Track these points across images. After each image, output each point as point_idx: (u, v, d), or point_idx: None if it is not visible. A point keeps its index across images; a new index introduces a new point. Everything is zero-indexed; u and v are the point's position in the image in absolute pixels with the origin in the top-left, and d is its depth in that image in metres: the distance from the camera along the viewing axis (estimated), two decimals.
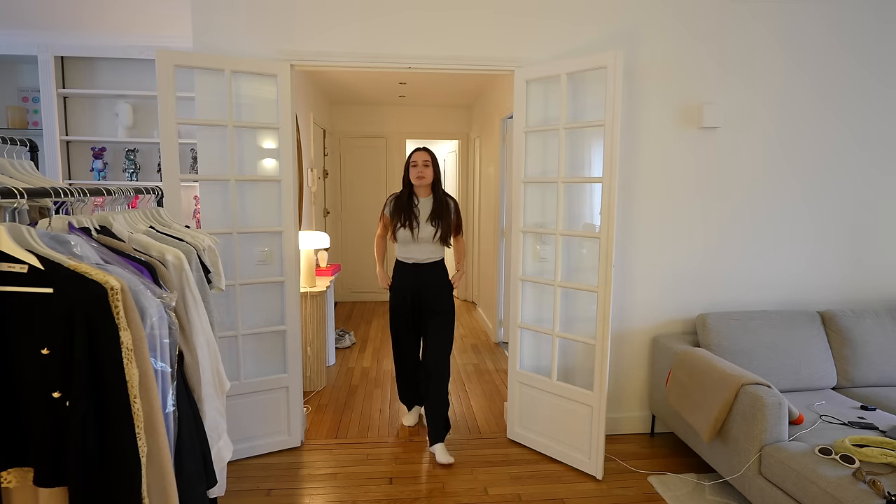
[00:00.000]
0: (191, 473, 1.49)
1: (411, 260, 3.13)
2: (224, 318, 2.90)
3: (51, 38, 3.94)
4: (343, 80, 5.61)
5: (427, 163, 3.06)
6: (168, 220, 2.04)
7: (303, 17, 2.92)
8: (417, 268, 3.12)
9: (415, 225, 3.06)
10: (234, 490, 2.69)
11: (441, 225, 3.07)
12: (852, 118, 3.28)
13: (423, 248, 3.10)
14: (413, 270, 3.13)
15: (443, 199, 3.11)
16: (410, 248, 3.11)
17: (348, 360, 4.80)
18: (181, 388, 1.53)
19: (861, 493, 1.90)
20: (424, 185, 3.09)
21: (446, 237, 3.11)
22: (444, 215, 3.09)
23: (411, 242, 3.09)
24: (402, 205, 3.10)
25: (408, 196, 3.11)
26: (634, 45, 3.07)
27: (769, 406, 2.29)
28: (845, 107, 3.27)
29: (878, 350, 3.02)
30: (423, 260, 3.12)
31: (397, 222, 3.08)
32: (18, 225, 1.26)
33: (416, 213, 3.08)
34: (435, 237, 3.08)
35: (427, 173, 3.06)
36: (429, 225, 3.07)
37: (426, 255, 3.12)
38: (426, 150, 3.10)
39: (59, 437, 1.22)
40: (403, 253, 3.15)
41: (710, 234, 3.27)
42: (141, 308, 1.29)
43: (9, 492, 1.26)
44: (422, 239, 3.08)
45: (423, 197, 3.13)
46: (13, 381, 1.23)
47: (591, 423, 2.83)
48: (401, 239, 3.10)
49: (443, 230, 3.08)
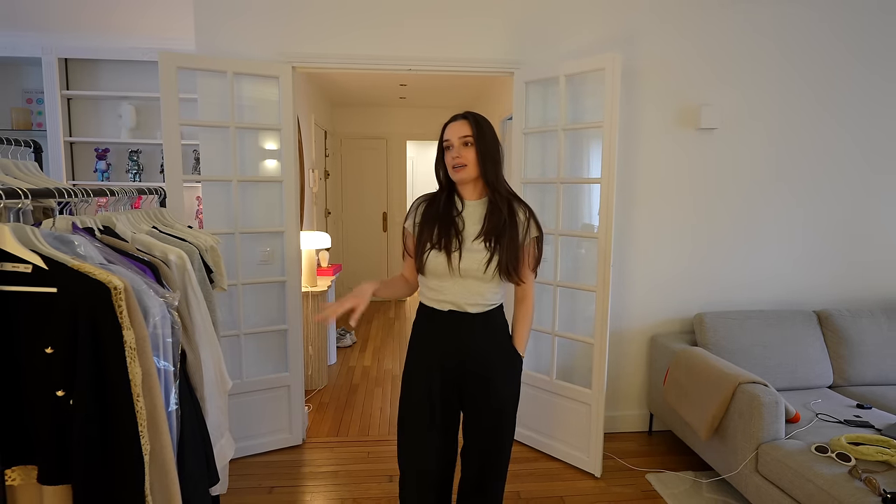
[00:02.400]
0: (193, 471, 1.50)
1: (447, 306, 1.81)
2: (226, 318, 2.91)
3: (55, 40, 3.96)
4: (344, 81, 5.63)
5: (468, 139, 1.77)
6: (171, 221, 2.05)
7: (304, 20, 2.94)
8: (458, 320, 1.81)
9: (454, 245, 1.78)
10: (236, 488, 2.70)
11: (501, 247, 1.77)
12: (847, 119, 3.29)
13: (467, 287, 1.79)
14: (450, 324, 1.81)
15: (506, 203, 1.82)
16: (445, 287, 1.80)
17: (349, 359, 4.82)
18: (184, 386, 1.54)
19: (857, 490, 1.91)
20: (469, 180, 1.82)
21: (511, 268, 1.79)
22: (509, 231, 1.79)
23: (448, 276, 1.79)
24: (437, 212, 1.84)
25: (446, 199, 1.86)
26: (632, 47, 3.08)
27: (766, 404, 2.30)
28: (841, 108, 3.28)
29: (873, 349, 3.04)
30: (467, 307, 1.80)
31: (427, 241, 1.80)
32: (23, 225, 1.27)
33: (457, 226, 1.81)
34: (489, 268, 1.77)
35: (469, 157, 1.77)
36: (479, 245, 1.78)
37: (473, 298, 1.80)
38: (466, 117, 1.81)
39: (62, 436, 1.23)
40: (434, 293, 1.83)
41: (708, 234, 3.28)
42: (144, 307, 1.30)
43: (14, 489, 1.28)
44: (465, 271, 1.77)
45: (470, 199, 1.86)
46: (18, 380, 1.24)
47: (590, 421, 2.85)
48: (431, 269, 1.80)
49: (505, 256, 1.77)
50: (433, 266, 1.78)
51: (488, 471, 1.89)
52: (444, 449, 1.87)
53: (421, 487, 1.86)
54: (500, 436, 1.86)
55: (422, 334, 1.88)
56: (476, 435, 1.87)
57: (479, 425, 1.85)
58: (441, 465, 1.88)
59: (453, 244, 1.77)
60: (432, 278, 1.82)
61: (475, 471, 1.91)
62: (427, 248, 1.79)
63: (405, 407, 1.88)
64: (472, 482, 1.93)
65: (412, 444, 1.86)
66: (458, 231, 1.79)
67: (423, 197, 1.93)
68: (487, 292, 1.81)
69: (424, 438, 1.83)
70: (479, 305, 1.81)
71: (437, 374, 1.82)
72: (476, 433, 1.86)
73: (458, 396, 1.86)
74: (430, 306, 1.85)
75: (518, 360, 1.90)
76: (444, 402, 1.84)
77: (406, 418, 1.87)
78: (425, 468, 1.85)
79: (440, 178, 1.88)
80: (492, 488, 1.91)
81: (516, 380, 1.90)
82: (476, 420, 1.85)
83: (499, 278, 1.80)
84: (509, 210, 1.81)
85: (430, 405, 1.82)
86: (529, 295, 1.93)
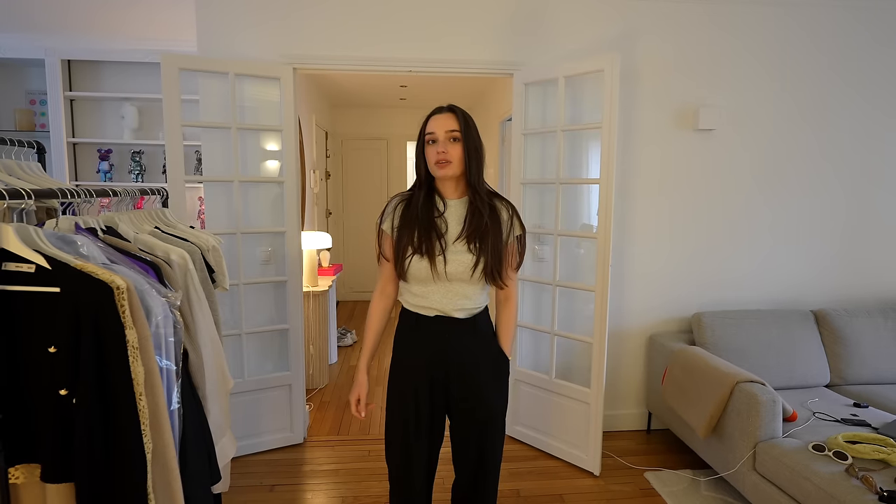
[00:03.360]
0: (195, 469, 1.50)
1: (433, 312, 1.74)
2: (228, 317, 2.93)
3: (58, 42, 3.98)
4: (345, 83, 5.64)
5: (455, 134, 1.69)
6: (173, 221, 2.05)
7: (306, 22, 2.95)
8: (445, 326, 1.74)
9: (437, 248, 1.69)
10: (238, 486, 2.72)
11: (484, 248, 1.70)
12: (844, 120, 3.30)
13: (452, 291, 1.72)
14: (437, 331, 1.75)
15: (487, 203, 1.74)
16: (430, 292, 1.73)
17: (350, 359, 4.84)
18: (186, 385, 1.54)
19: (854, 488, 1.92)
20: (452, 177, 1.73)
21: (495, 270, 1.72)
22: (492, 231, 1.72)
23: (432, 281, 1.71)
24: (417, 213, 1.73)
25: (425, 197, 1.76)
26: (631, 48, 3.09)
27: (763, 403, 2.31)
28: (838, 109, 3.29)
29: (870, 348, 3.05)
30: (452, 311, 1.73)
31: (408, 245, 1.71)
32: (26, 225, 1.27)
33: (438, 228, 1.72)
34: (475, 271, 1.70)
35: (454, 153, 1.69)
36: (462, 247, 1.71)
37: (460, 303, 1.73)
38: (453, 110, 1.73)
39: (66, 434, 1.23)
40: (418, 300, 1.75)
41: (706, 234, 3.29)
42: (146, 307, 1.30)
43: (17, 488, 1.28)
44: (451, 275, 1.70)
45: (452, 198, 1.77)
46: (21, 379, 1.24)
47: (589, 420, 2.86)
48: (414, 275, 1.71)
49: (489, 258, 1.70)
50: (415, 271, 1.70)
51: (482, 474, 1.84)
52: (429, 459, 1.83)
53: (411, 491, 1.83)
54: (492, 440, 1.81)
55: (407, 343, 1.81)
56: (468, 441, 1.81)
57: (471, 432, 1.79)
58: (427, 474, 1.85)
59: (436, 248, 1.68)
60: (415, 284, 1.73)
61: (468, 475, 1.85)
62: (409, 254, 1.70)
63: (393, 426, 1.81)
64: (466, 486, 1.88)
65: (404, 458, 1.80)
66: (440, 234, 1.70)
67: (400, 196, 1.82)
68: (474, 294, 1.75)
69: (415, 452, 1.78)
70: (465, 310, 1.74)
71: (424, 385, 1.75)
72: (467, 439, 1.81)
73: (445, 404, 1.80)
74: (414, 312, 1.77)
75: (506, 363, 1.85)
76: (432, 413, 1.78)
77: (393, 440, 1.82)
78: (415, 487, 1.82)
79: (420, 172, 1.77)
80: (487, 490, 1.87)
81: (505, 383, 1.86)
82: (467, 427, 1.79)
83: (484, 280, 1.74)
84: (491, 210, 1.73)
85: (417, 420, 1.76)
86: (513, 296, 1.87)
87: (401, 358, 1.83)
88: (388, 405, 1.84)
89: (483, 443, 1.80)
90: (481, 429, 1.79)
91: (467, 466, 1.85)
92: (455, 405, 1.79)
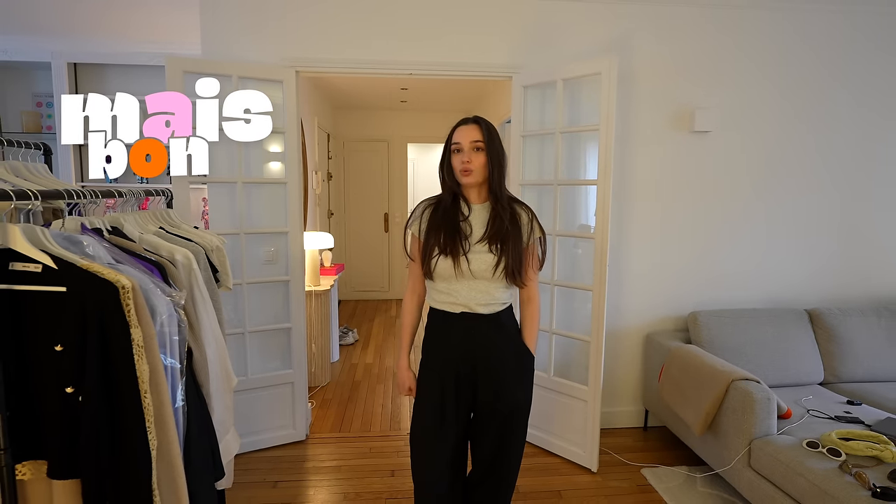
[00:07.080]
0: (199, 466, 1.52)
1: (459, 308, 1.84)
2: (231, 316, 2.95)
3: (64, 45, 4.01)
4: (346, 85, 5.68)
5: (478, 144, 1.81)
6: (177, 222, 2.06)
7: (308, 26, 2.99)
8: (470, 322, 1.83)
9: (461, 249, 1.80)
10: (241, 482, 2.74)
11: (505, 249, 1.81)
12: (840, 121, 3.32)
13: (476, 288, 1.82)
14: (461, 326, 1.84)
15: (507, 208, 1.86)
16: (455, 289, 1.83)
17: (352, 357, 4.88)
18: (190, 383, 1.56)
19: (847, 484, 1.95)
20: (476, 184, 1.86)
21: (516, 270, 1.83)
22: (512, 234, 1.83)
23: (455, 279, 1.82)
24: (442, 217, 1.86)
25: (451, 203, 1.88)
26: (628, 51, 3.12)
27: (758, 401, 2.34)
28: (834, 110, 3.31)
29: (863, 347, 3.07)
30: (476, 307, 1.83)
31: (434, 246, 1.83)
32: (33, 226, 1.29)
33: (463, 231, 1.83)
34: (496, 270, 1.81)
35: (478, 162, 1.81)
36: (484, 248, 1.82)
37: (483, 299, 1.83)
38: (477, 122, 1.84)
39: (72, 431, 1.24)
40: (444, 296, 1.86)
41: (702, 234, 3.32)
42: (151, 306, 1.32)
43: (24, 483, 1.30)
44: (475, 272, 1.81)
45: (476, 203, 1.89)
46: (28, 377, 1.26)
47: (587, 417, 2.89)
48: (440, 273, 1.83)
49: (510, 258, 1.81)
50: (441, 270, 1.81)
51: (497, 468, 1.91)
52: (456, 458, 1.88)
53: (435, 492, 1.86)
54: (512, 434, 1.88)
55: (435, 339, 1.89)
56: (487, 433, 1.87)
57: (491, 423, 1.86)
58: (454, 475, 1.88)
59: (460, 249, 1.79)
60: (441, 281, 1.84)
61: (484, 468, 1.92)
62: (435, 254, 1.81)
63: (419, 419, 1.88)
64: (479, 479, 1.95)
65: (428, 455, 1.86)
66: (464, 236, 1.82)
67: (427, 201, 1.94)
68: (496, 291, 1.84)
69: (440, 449, 1.84)
70: (489, 306, 1.83)
71: (450, 377, 1.83)
72: (490, 433, 1.87)
73: (472, 400, 1.86)
74: (442, 309, 1.86)
75: (530, 360, 1.92)
76: (458, 411, 1.84)
77: (423, 431, 1.87)
78: (437, 478, 1.85)
79: (444, 180, 1.89)
80: (500, 485, 1.94)
81: (529, 379, 1.91)
82: (488, 419, 1.86)
83: (506, 280, 1.83)
84: (511, 215, 1.85)
85: (443, 419, 1.83)
86: (535, 296, 1.96)
87: (429, 355, 1.90)
88: (417, 402, 1.91)
89: (503, 435, 1.86)
90: (502, 421, 1.85)
91: (484, 460, 1.92)
92: (479, 399, 1.86)
